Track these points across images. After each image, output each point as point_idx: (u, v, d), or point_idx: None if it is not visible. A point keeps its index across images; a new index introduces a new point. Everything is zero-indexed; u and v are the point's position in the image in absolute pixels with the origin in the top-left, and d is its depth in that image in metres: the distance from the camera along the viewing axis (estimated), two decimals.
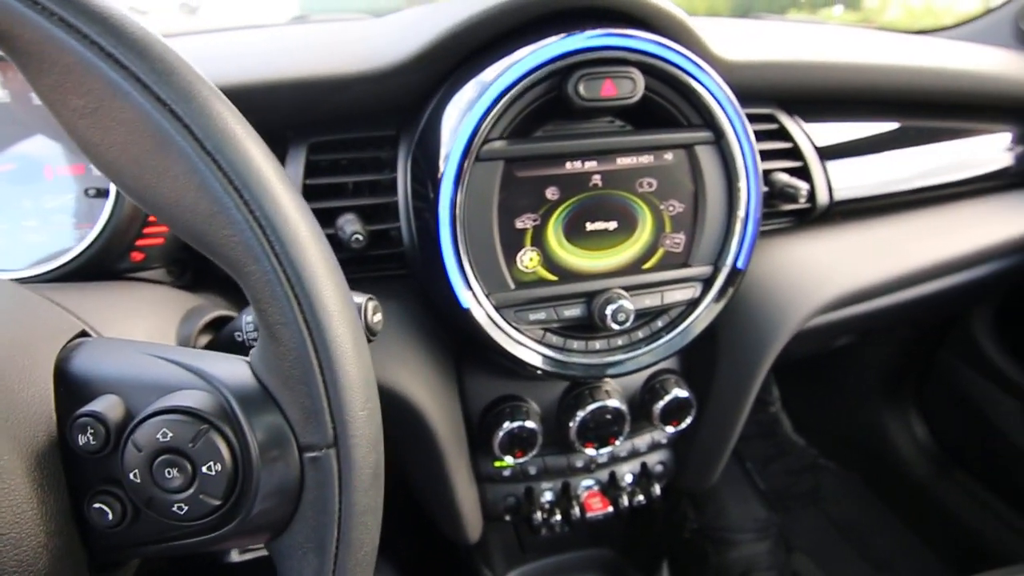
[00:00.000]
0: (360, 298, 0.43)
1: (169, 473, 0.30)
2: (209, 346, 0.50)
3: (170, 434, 0.30)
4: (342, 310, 0.30)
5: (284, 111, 0.61)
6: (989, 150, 0.95)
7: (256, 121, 0.61)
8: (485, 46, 0.58)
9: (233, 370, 0.32)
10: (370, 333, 0.43)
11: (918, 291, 0.86)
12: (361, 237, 0.57)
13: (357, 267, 0.62)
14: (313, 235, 0.30)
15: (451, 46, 0.58)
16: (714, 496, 1.16)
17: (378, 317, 0.43)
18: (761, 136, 0.75)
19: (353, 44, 0.66)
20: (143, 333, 0.45)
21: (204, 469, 0.30)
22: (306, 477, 0.31)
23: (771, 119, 0.76)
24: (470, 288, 0.56)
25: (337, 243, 0.59)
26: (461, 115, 0.54)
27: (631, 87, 0.56)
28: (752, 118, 0.74)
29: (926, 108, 0.90)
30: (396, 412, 0.61)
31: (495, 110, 0.53)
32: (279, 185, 0.29)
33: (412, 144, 0.61)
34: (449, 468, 0.65)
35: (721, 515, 1.13)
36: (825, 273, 0.72)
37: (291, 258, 0.29)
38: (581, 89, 0.54)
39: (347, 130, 0.63)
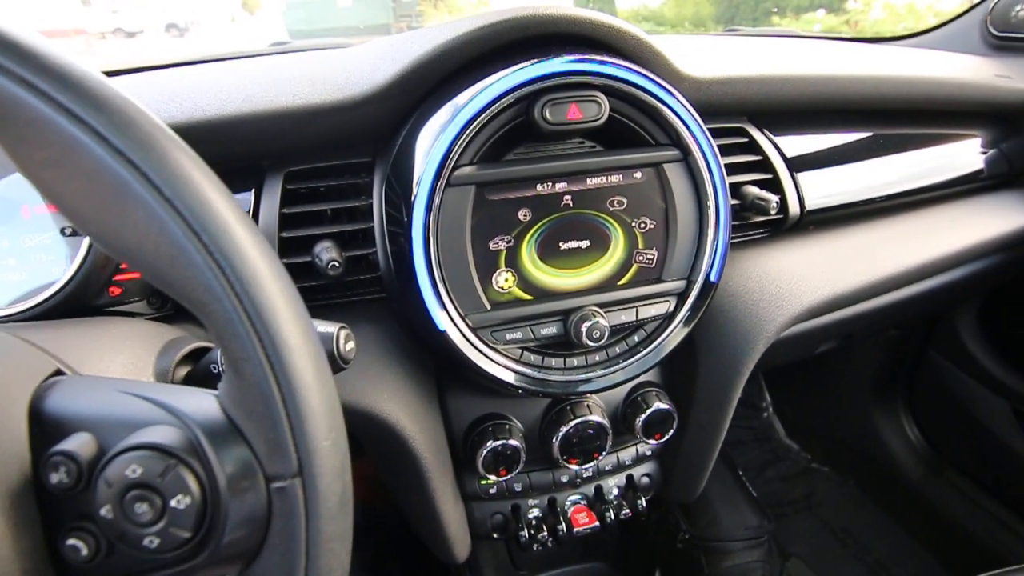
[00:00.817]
0: (331, 327, 0.44)
1: (139, 508, 0.31)
2: (188, 377, 0.50)
3: (139, 470, 0.31)
4: (303, 343, 0.31)
5: (260, 142, 0.62)
6: (959, 155, 0.97)
7: (232, 153, 0.63)
8: (456, 73, 0.60)
9: (201, 404, 0.33)
10: (342, 361, 0.44)
11: (895, 296, 0.88)
12: (338, 264, 0.58)
13: (336, 292, 0.64)
14: (272, 272, 0.31)
15: (422, 74, 0.60)
16: (706, 505, 1.17)
17: (350, 346, 0.44)
18: (731, 150, 0.76)
19: (328, 73, 0.67)
20: (120, 368, 0.46)
21: (173, 503, 0.31)
22: (273, 507, 0.32)
23: (741, 133, 0.78)
24: (446, 310, 0.57)
25: (315, 270, 0.60)
26: (432, 141, 0.55)
27: (597, 110, 0.57)
28: (722, 132, 0.76)
29: (895, 116, 0.92)
30: (378, 435, 0.62)
31: (464, 136, 0.55)
32: (237, 226, 0.30)
33: (387, 170, 0.62)
34: (434, 488, 0.66)
35: (714, 524, 1.14)
36: (799, 282, 0.73)
37: (250, 296, 0.30)
38: (547, 114, 0.56)
39: (323, 158, 0.65)
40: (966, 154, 0.97)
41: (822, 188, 0.81)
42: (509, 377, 0.61)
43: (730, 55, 0.89)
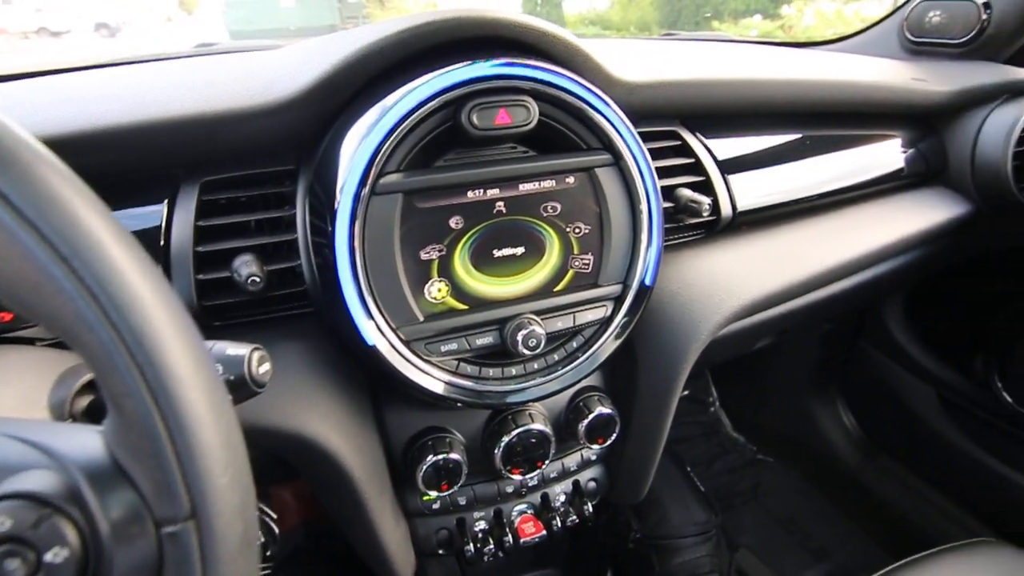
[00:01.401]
0: (243, 349, 0.41)
1: (10, 564, 0.27)
2: (89, 409, 0.46)
3: (8, 522, 0.27)
4: (192, 373, 0.28)
5: (172, 150, 0.59)
6: (882, 155, 1.01)
7: (141, 162, 0.59)
8: (381, 77, 0.58)
9: (84, 444, 0.30)
10: (256, 385, 0.41)
11: (825, 292, 0.90)
12: (259, 279, 0.55)
13: (260, 308, 0.60)
14: (156, 296, 0.28)
15: (345, 78, 0.57)
16: (656, 504, 1.18)
17: (265, 368, 0.42)
18: (664, 153, 0.77)
19: (249, 77, 0.64)
20: (9, 403, 0.42)
21: (48, 556, 0.28)
22: (165, 554, 0.29)
23: (674, 136, 0.78)
24: (375, 324, 0.55)
25: (235, 286, 0.56)
26: (356, 146, 0.53)
27: (526, 115, 0.56)
28: (655, 136, 0.77)
29: (822, 119, 0.95)
30: (308, 457, 0.59)
31: (389, 143, 0.53)
32: (113, 247, 0.28)
33: (311, 177, 0.59)
34: (370, 508, 0.63)
35: (663, 522, 1.15)
36: (733, 282, 0.74)
37: (129, 324, 0.27)
38: (475, 119, 0.54)
39: (243, 167, 0.61)
40: (888, 154, 1.02)
41: (754, 189, 0.82)
42: (445, 390, 0.59)
43: (664, 59, 0.90)
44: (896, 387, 1.42)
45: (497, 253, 0.60)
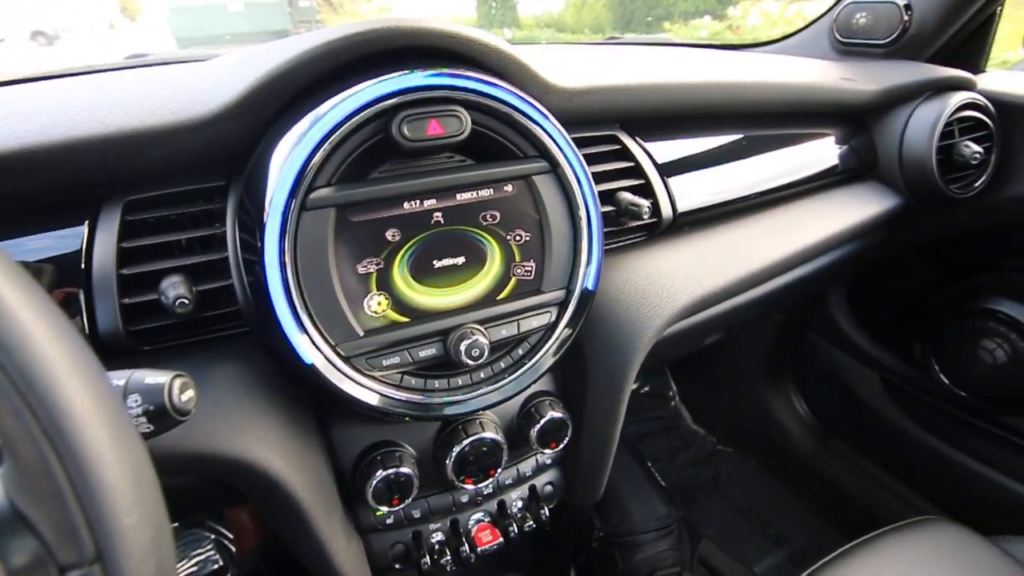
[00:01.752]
0: (162, 377, 0.39)
1: None
2: None
3: None
4: (91, 410, 0.27)
5: (92, 170, 0.56)
6: (817, 153, 1.05)
7: (59, 183, 0.56)
8: (313, 88, 0.57)
9: None
10: (179, 414, 0.40)
11: (767, 287, 0.93)
12: (187, 301, 0.53)
13: (193, 330, 0.58)
14: (48, 331, 0.27)
15: (273, 90, 0.56)
16: (617, 502, 1.19)
17: (188, 395, 0.40)
18: (605, 157, 0.78)
19: (174, 92, 0.62)
20: None
21: None
22: None
23: (613, 140, 0.79)
24: (312, 342, 0.54)
25: (163, 309, 0.54)
26: (284, 159, 0.52)
27: (458, 125, 0.56)
28: (594, 140, 0.78)
29: (758, 119, 0.98)
30: (249, 482, 0.57)
31: (319, 155, 0.52)
32: (2, 280, 0.26)
33: (240, 193, 0.58)
34: (318, 528, 0.62)
35: (625, 520, 1.17)
36: (675, 283, 0.75)
37: (17, 364, 0.26)
38: (406, 130, 0.54)
39: (170, 184, 0.59)
40: (822, 152, 1.06)
41: (694, 190, 0.84)
42: (390, 405, 0.58)
43: (604, 65, 0.92)
44: (843, 374, 1.48)
45: (437, 264, 0.60)
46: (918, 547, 0.90)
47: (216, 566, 1.48)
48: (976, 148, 1.05)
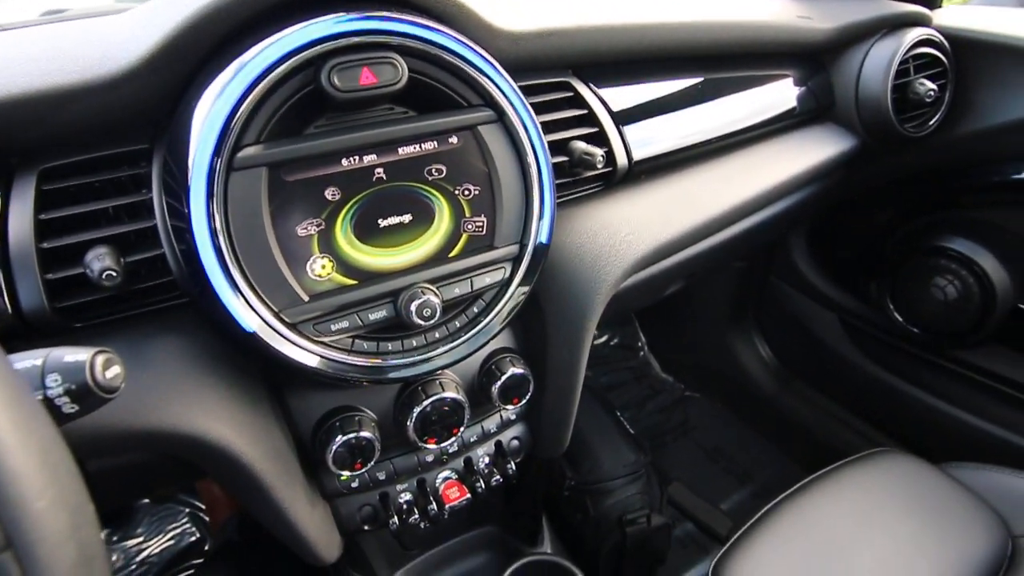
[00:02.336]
0: (82, 354, 0.37)
1: None
2: None
3: None
4: None
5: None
6: (775, 95, 1.04)
7: None
8: (234, 38, 0.53)
9: None
10: (104, 392, 0.38)
11: (727, 233, 0.93)
12: (115, 273, 0.50)
13: (126, 303, 0.55)
14: None
15: (191, 40, 0.52)
16: (588, 452, 1.22)
17: (113, 372, 0.38)
18: (556, 105, 0.75)
19: (85, 47, 0.57)
20: None
21: None
22: None
23: (565, 87, 0.77)
24: (253, 309, 0.51)
25: (89, 283, 0.51)
26: (206, 116, 0.48)
27: (393, 74, 0.53)
28: (545, 88, 0.75)
29: (714, 61, 0.96)
30: (200, 455, 0.56)
31: (243, 110, 0.48)
32: None
33: (164, 156, 0.54)
34: (279, 496, 0.61)
35: (595, 468, 1.19)
36: (632, 233, 0.75)
37: None
38: (336, 80, 0.50)
39: (88, 150, 0.55)
40: (780, 93, 1.04)
41: (650, 138, 0.82)
42: (341, 370, 0.57)
43: (553, 6, 0.87)
44: (804, 317, 1.51)
45: (383, 223, 0.57)
46: (872, 477, 0.95)
47: (193, 538, 1.48)
48: (931, 86, 1.05)
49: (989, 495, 0.91)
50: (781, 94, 1.05)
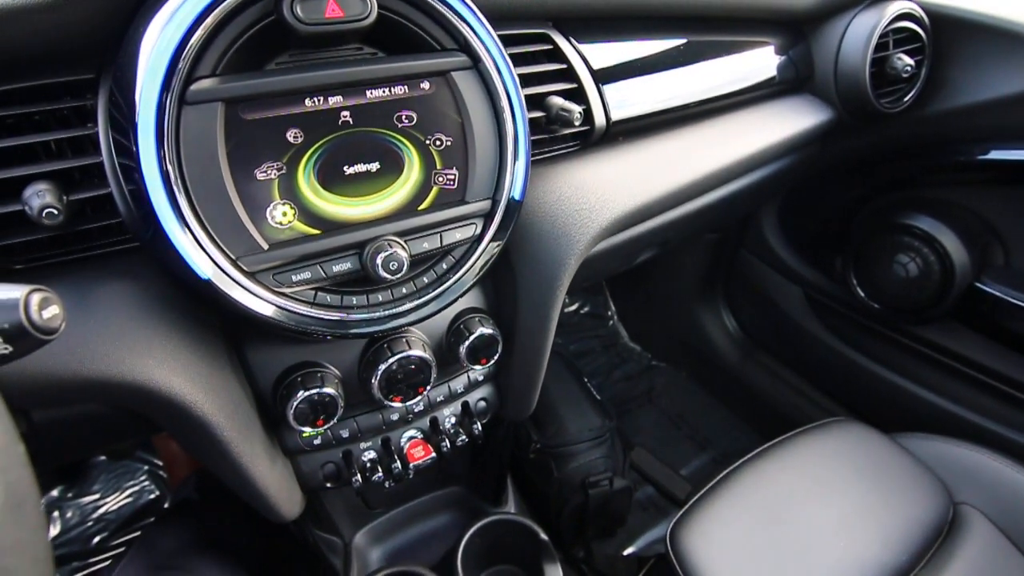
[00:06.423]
0: (17, 292, 0.34)
1: None
2: None
3: None
4: None
5: None
6: (756, 62, 1.02)
7: None
8: None
9: None
10: (42, 332, 0.35)
11: (700, 202, 0.93)
12: (56, 211, 0.47)
13: (72, 245, 0.52)
14: None
15: None
16: (554, 415, 1.23)
17: (51, 312, 0.35)
18: (535, 57, 0.73)
19: None
20: None
21: None
22: None
23: (545, 39, 0.74)
24: (208, 255, 0.49)
25: (29, 221, 0.48)
26: (154, 43, 0.45)
27: (362, 7, 0.50)
28: (524, 39, 0.72)
29: (697, 23, 0.94)
30: (153, 407, 0.54)
31: (195, 40, 0.45)
32: None
33: (110, 87, 0.50)
34: (237, 452, 0.59)
35: (561, 432, 1.21)
36: (607, 195, 0.73)
37: None
38: (299, 10, 0.47)
39: (27, 78, 0.50)
40: (761, 61, 1.03)
41: (628, 98, 0.81)
42: (302, 323, 0.55)
43: None
44: (770, 289, 1.54)
45: (348, 170, 0.55)
46: (826, 444, 0.98)
47: (152, 496, 1.46)
48: (908, 61, 1.05)
49: (935, 464, 0.95)
50: (762, 62, 1.04)
